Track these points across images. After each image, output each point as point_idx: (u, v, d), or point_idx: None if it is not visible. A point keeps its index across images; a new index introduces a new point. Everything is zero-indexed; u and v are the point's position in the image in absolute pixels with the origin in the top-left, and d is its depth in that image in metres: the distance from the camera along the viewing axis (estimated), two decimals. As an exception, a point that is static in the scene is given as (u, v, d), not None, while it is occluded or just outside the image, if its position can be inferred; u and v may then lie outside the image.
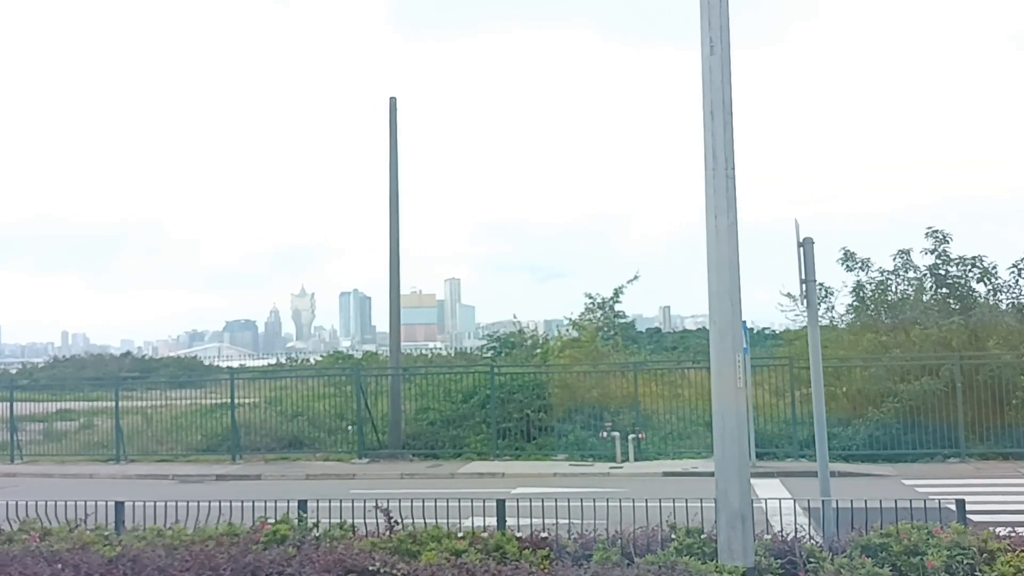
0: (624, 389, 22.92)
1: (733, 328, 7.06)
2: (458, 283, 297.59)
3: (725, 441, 7.06)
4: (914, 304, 21.90)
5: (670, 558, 7.20)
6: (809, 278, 8.26)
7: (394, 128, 23.96)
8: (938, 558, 6.79)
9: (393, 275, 24.01)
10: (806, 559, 7.16)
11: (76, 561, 7.24)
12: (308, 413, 24.72)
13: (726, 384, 7.05)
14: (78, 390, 33.12)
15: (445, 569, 6.93)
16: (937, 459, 19.72)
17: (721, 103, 7.09)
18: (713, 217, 7.08)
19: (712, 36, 7.12)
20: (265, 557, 7.08)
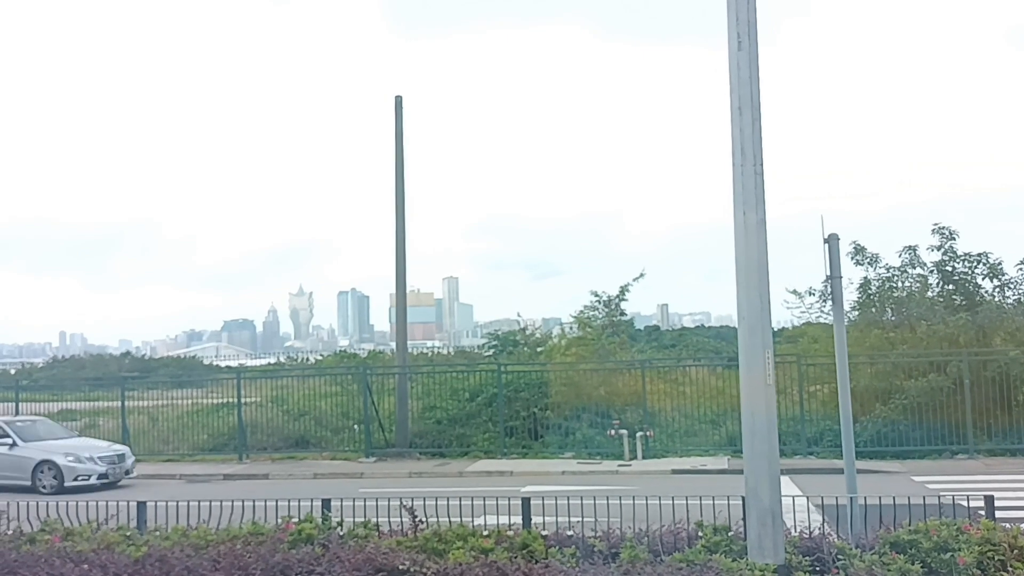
0: (631, 387, 22.91)
1: (762, 325, 7.04)
2: (456, 282, 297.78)
3: (755, 438, 7.05)
4: (920, 300, 21.90)
5: (699, 556, 7.19)
6: (835, 274, 8.25)
7: (399, 127, 23.91)
8: (969, 554, 6.78)
9: (399, 274, 23.96)
10: (835, 556, 7.15)
11: (102, 561, 7.21)
12: (313, 412, 24.70)
13: (755, 381, 7.04)
14: (78, 390, 32.98)
15: (474, 568, 6.90)
16: (945, 455, 19.74)
17: (749, 99, 7.07)
18: (742, 213, 7.06)
19: (740, 31, 7.10)
20: (293, 556, 7.06)
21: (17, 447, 19.27)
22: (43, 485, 18.69)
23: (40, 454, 19.15)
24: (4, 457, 19.16)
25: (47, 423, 21.61)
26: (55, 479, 18.74)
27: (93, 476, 18.89)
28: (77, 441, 20.70)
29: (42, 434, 20.25)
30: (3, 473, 18.93)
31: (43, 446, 19.50)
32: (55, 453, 19.17)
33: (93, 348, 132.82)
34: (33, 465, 18.92)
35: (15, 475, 18.84)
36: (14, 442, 19.33)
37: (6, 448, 19.25)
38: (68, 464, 18.88)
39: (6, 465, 19.06)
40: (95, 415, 27.68)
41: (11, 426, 19.97)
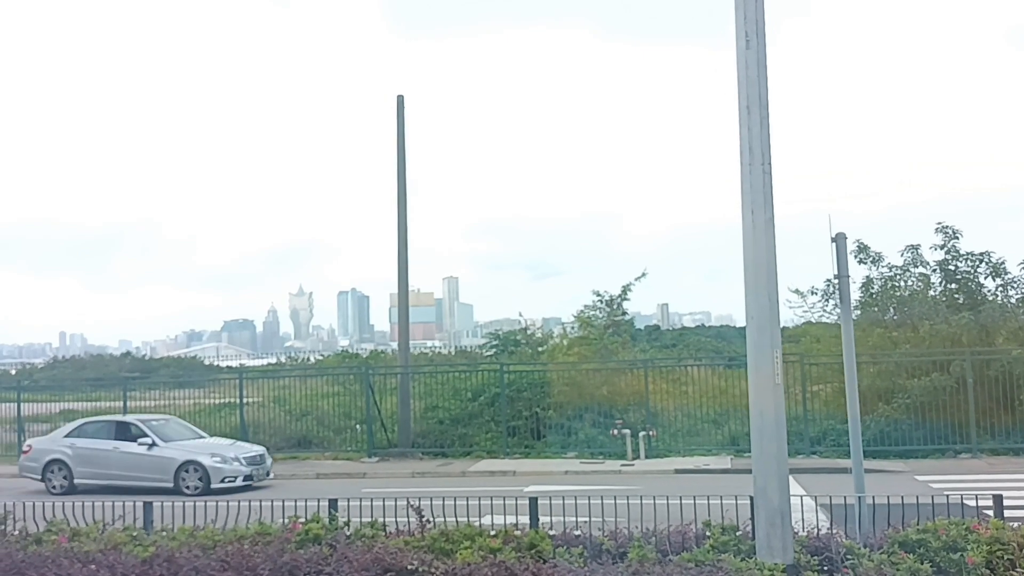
0: (633, 386, 22.91)
1: (771, 324, 7.02)
2: (456, 281, 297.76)
3: (764, 438, 7.04)
4: (922, 300, 21.89)
5: (707, 555, 7.18)
6: (843, 273, 8.23)
7: (401, 127, 23.90)
8: (978, 554, 6.77)
9: (401, 274, 23.94)
10: (844, 555, 7.13)
11: (110, 562, 7.19)
12: (315, 412, 24.70)
13: (764, 381, 7.02)
14: (79, 391, 33.01)
15: (483, 568, 6.88)
16: (948, 455, 19.74)
17: (757, 98, 7.06)
18: (750, 213, 7.05)
19: (748, 30, 7.09)
20: (301, 556, 7.04)
21: (157, 447, 18.43)
22: (187, 486, 17.94)
23: (183, 454, 18.38)
24: (144, 458, 18.38)
25: (177, 422, 20.75)
26: (200, 480, 17.97)
27: (239, 477, 18.17)
28: (212, 441, 20.03)
29: (175, 434, 19.45)
30: (143, 474, 18.21)
31: (183, 446, 18.78)
32: (200, 453, 18.43)
33: (93, 348, 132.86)
34: (177, 466, 18.14)
35: (156, 476, 18.10)
36: (153, 442, 18.49)
37: (144, 448, 18.42)
38: (215, 465, 18.12)
39: (146, 466, 18.31)
40: (96, 415, 27.64)
41: (147, 424, 19.18)
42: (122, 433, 19.00)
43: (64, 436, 19.39)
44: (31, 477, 19.25)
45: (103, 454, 18.69)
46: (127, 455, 18.50)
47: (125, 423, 19.45)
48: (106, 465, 18.55)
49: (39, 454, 19.26)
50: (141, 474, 18.21)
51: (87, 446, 18.89)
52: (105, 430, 19.32)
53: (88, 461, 18.72)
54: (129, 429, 19.05)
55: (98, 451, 18.75)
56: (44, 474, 18.92)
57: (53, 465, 18.91)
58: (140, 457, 18.40)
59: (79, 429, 19.56)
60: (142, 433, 18.71)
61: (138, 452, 18.44)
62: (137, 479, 18.09)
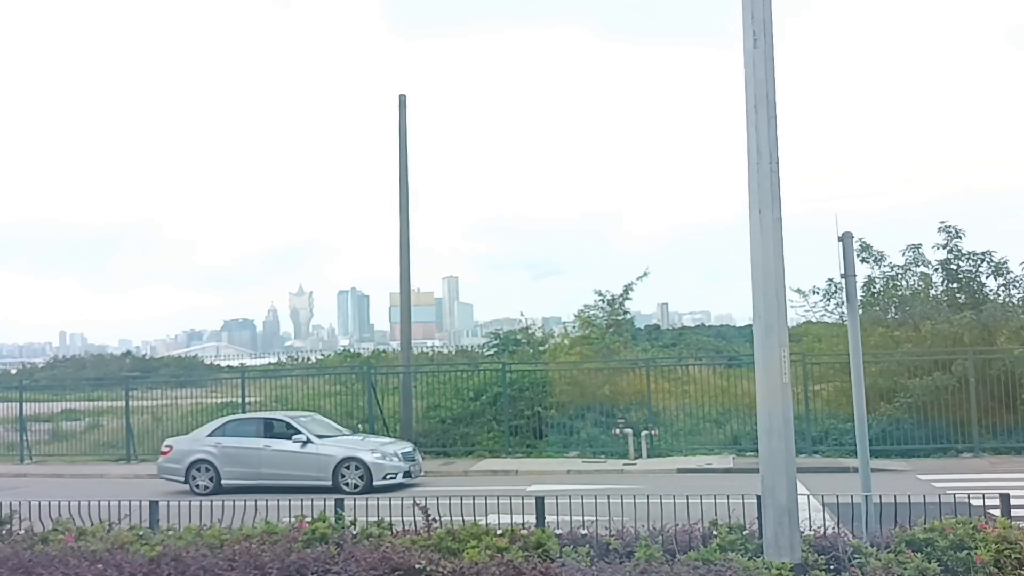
0: (635, 386, 22.93)
1: (778, 324, 7.03)
2: (456, 281, 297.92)
3: (772, 437, 7.05)
4: (924, 299, 21.91)
5: (714, 555, 7.17)
6: (849, 272, 8.24)
7: (403, 126, 23.89)
8: (986, 553, 6.77)
9: (403, 274, 23.93)
10: (851, 554, 7.14)
11: (117, 561, 7.19)
12: (317, 412, 24.63)
13: (772, 380, 7.04)
14: (79, 390, 33.03)
15: (490, 567, 6.88)
16: (950, 454, 19.75)
17: (765, 97, 7.06)
18: (757, 212, 7.05)
19: (755, 29, 7.09)
20: (309, 556, 7.04)
21: (312, 444, 17.90)
22: (347, 484, 17.37)
23: (343, 451, 17.87)
24: (299, 456, 17.83)
25: (318, 418, 20.13)
26: (362, 478, 17.42)
27: (399, 474, 17.71)
28: (362, 437, 19.65)
29: (323, 430, 18.93)
30: (298, 472, 17.69)
31: (339, 442, 18.37)
32: (360, 450, 17.96)
33: (93, 348, 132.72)
34: (336, 463, 17.59)
35: (313, 475, 17.53)
36: (308, 439, 17.98)
37: (298, 446, 17.88)
38: (376, 461, 17.58)
39: (301, 464, 17.77)
40: (98, 415, 27.71)
41: (296, 421, 18.74)
42: (271, 430, 18.54)
43: (207, 435, 18.73)
44: (172, 479, 18.60)
45: (253, 453, 18.12)
46: (280, 453, 17.96)
47: (273, 420, 18.99)
48: (257, 464, 18.00)
49: (181, 455, 18.56)
50: (296, 472, 17.69)
51: (235, 445, 18.31)
52: (252, 428, 18.79)
53: (236, 460, 18.14)
54: (278, 426, 18.59)
55: (248, 450, 18.18)
56: (188, 475, 18.29)
57: (198, 465, 18.27)
58: (295, 455, 17.85)
59: (222, 428, 18.92)
60: (294, 430, 18.20)
61: (292, 450, 17.89)
62: (291, 478, 17.57)
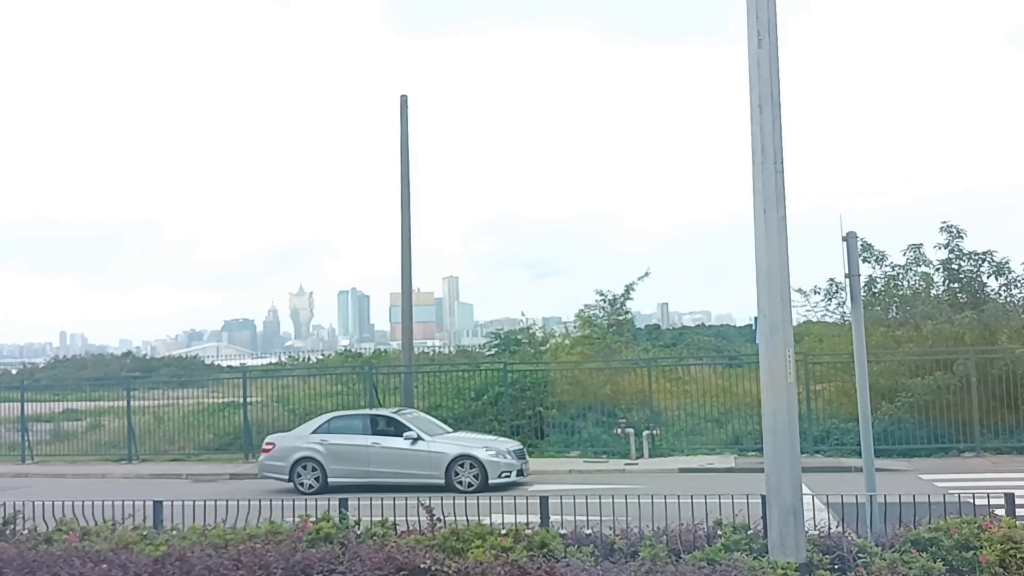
0: (636, 386, 22.93)
1: (783, 323, 7.04)
2: (456, 281, 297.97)
3: (776, 437, 7.05)
4: (925, 299, 21.91)
5: (719, 554, 7.17)
6: (853, 272, 8.24)
7: (405, 126, 23.86)
8: (992, 552, 6.77)
9: (405, 273, 23.91)
10: (856, 554, 7.14)
11: (122, 561, 7.19)
12: (318, 411, 24.62)
13: (777, 379, 7.04)
14: (80, 390, 33.03)
15: (495, 567, 6.87)
16: (952, 454, 19.74)
17: (770, 97, 7.06)
18: (762, 212, 7.05)
19: (760, 29, 7.09)
20: (314, 555, 7.04)
21: (423, 442, 17.43)
22: (461, 483, 16.90)
23: (456, 448, 17.41)
24: (410, 453, 17.37)
25: (422, 415, 19.66)
26: (476, 476, 16.97)
27: (513, 472, 17.25)
28: (472, 434, 19.22)
29: (430, 427, 18.49)
30: (409, 471, 17.23)
31: (450, 439, 17.98)
32: (474, 447, 17.51)
33: (94, 348, 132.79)
34: (448, 461, 17.14)
35: (425, 473, 17.11)
36: (418, 436, 17.53)
37: (408, 443, 17.44)
38: (491, 459, 17.12)
39: (413, 462, 17.30)
40: (99, 415, 27.68)
41: (403, 417, 18.29)
42: (378, 427, 18.14)
43: (311, 432, 18.25)
44: (275, 477, 18.13)
45: (361, 450, 17.67)
46: (390, 451, 17.54)
47: (381, 417, 18.64)
48: (365, 462, 17.53)
49: (284, 452, 18.06)
50: (407, 470, 17.25)
51: (342, 442, 17.82)
52: (359, 425, 18.33)
53: (343, 458, 17.67)
54: (387, 423, 18.22)
55: (356, 447, 17.73)
56: (292, 473, 17.79)
57: (303, 464, 17.78)
58: (405, 453, 17.41)
59: (327, 424, 18.41)
60: (404, 427, 17.80)
61: (402, 447, 17.47)
62: (402, 476, 17.12)
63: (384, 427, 18.15)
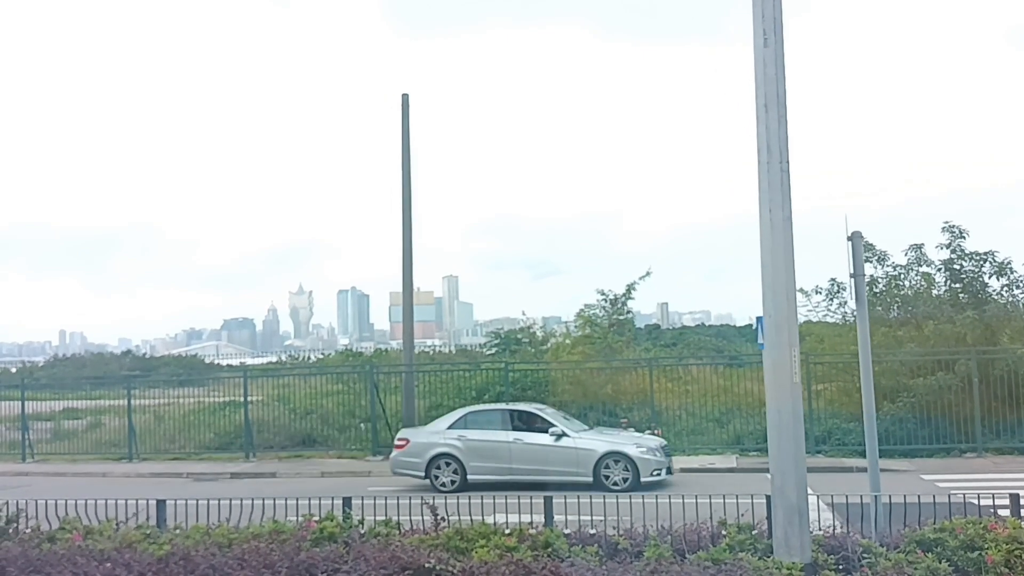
0: (638, 385, 22.93)
1: (788, 323, 7.03)
2: (456, 280, 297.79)
3: (781, 436, 7.04)
4: (927, 299, 21.91)
5: (724, 554, 7.16)
6: (858, 272, 8.23)
7: (406, 126, 23.85)
8: (997, 553, 6.76)
9: (406, 273, 23.91)
10: (860, 554, 7.13)
11: (126, 560, 7.17)
12: (319, 411, 24.68)
13: (782, 379, 7.03)
14: (80, 389, 33.01)
15: (500, 566, 6.86)
16: (954, 454, 19.75)
17: (775, 96, 7.04)
18: (768, 211, 7.04)
19: (765, 28, 7.08)
20: (318, 555, 7.03)
21: (568, 438, 16.87)
22: (612, 481, 16.29)
23: (604, 445, 16.80)
24: (554, 450, 16.79)
25: (555, 411, 18.88)
26: (628, 474, 16.37)
27: (663, 470, 16.72)
28: (608, 431, 18.45)
29: (570, 423, 17.91)
30: (554, 468, 16.63)
31: (597, 436, 17.39)
32: (623, 444, 16.87)
33: (93, 347, 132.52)
34: (597, 458, 16.53)
35: (571, 470, 16.50)
36: (563, 432, 16.99)
37: (553, 439, 16.89)
38: (642, 457, 16.50)
39: (558, 459, 16.71)
40: (99, 414, 27.68)
41: (544, 412, 17.80)
42: (517, 422, 17.58)
43: (447, 428, 17.76)
44: (410, 474, 17.66)
45: (502, 446, 17.10)
46: (533, 447, 16.97)
47: (521, 412, 17.97)
48: (507, 459, 16.96)
49: (420, 448, 17.56)
50: (551, 468, 16.65)
51: (481, 438, 17.31)
52: (498, 420, 17.78)
53: (483, 454, 17.15)
54: (527, 418, 17.66)
55: (496, 443, 17.18)
56: (428, 470, 17.31)
57: (440, 460, 17.31)
58: (550, 449, 16.83)
59: (463, 419, 17.90)
60: (547, 422, 17.27)
61: (546, 443, 16.91)
62: (546, 473, 16.57)
63: (524, 422, 17.61)
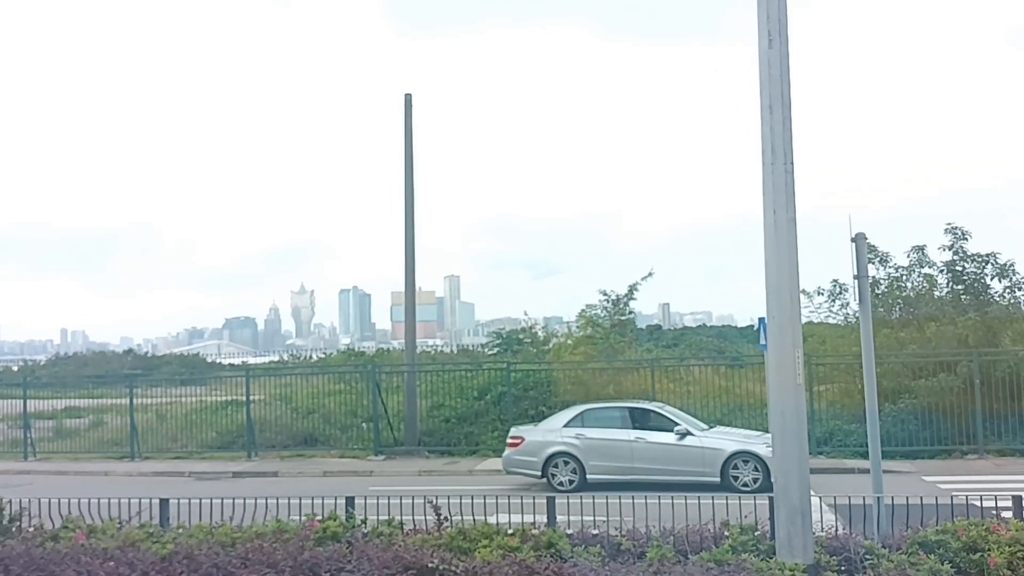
0: (639, 386, 22.89)
1: (792, 324, 7.03)
2: (458, 280, 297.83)
3: (785, 437, 7.05)
4: (929, 300, 21.92)
5: (726, 555, 7.16)
6: (862, 274, 8.23)
7: (409, 126, 23.87)
8: (1000, 555, 6.76)
9: (408, 272, 23.94)
10: (863, 556, 7.13)
11: (129, 559, 7.18)
12: (321, 410, 24.71)
13: (785, 380, 7.03)
14: (81, 388, 33.02)
15: (503, 566, 6.87)
16: (955, 455, 19.73)
17: (780, 97, 7.04)
18: (772, 212, 7.04)
19: (770, 29, 7.08)
20: (322, 554, 7.04)
21: (693, 437, 16.49)
22: (742, 482, 15.94)
23: (733, 444, 16.45)
24: (679, 449, 16.38)
25: (674, 409, 18.47)
26: (757, 474, 15.97)
27: None
28: (729, 430, 18.17)
29: (689, 422, 17.51)
30: (679, 467, 16.18)
31: (723, 434, 17.08)
32: (753, 443, 16.43)
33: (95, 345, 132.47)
34: (725, 458, 16.15)
35: (697, 470, 16.09)
36: (688, 431, 16.61)
37: (676, 438, 16.51)
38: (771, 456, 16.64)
39: (683, 458, 16.27)
40: (101, 412, 27.70)
41: (664, 410, 17.45)
42: (637, 421, 17.18)
43: (564, 426, 17.38)
44: (525, 473, 17.28)
45: (624, 445, 16.67)
46: (656, 446, 16.57)
47: (641, 410, 17.62)
48: (628, 458, 16.54)
49: (536, 447, 17.15)
50: (676, 467, 16.21)
51: (601, 436, 16.87)
52: (617, 418, 17.38)
53: (603, 453, 16.73)
54: (647, 416, 17.29)
55: (617, 442, 16.76)
56: (545, 469, 16.92)
57: (557, 459, 16.96)
58: (674, 448, 16.43)
59: (580, 417, 17.50)
60: (670, 421, 16.93)
61: (669, 443, 16.51)
62: (669, 473, 16.11)
63: (644, 420, 17.25)
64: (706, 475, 16.01)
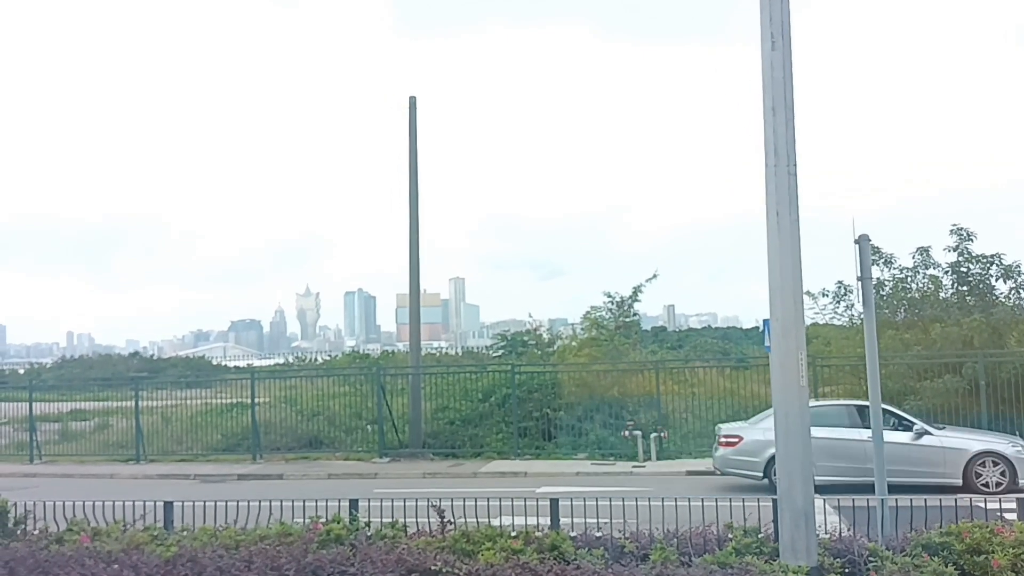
0: (644, 388, 22.90)
1: (796, 326, 7.01)
2: (462, 282, 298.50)
3: (788, 439, 7.03)
4: (934, 302, 21.87)
5: (730, 558, 7.15)
6: (865, 275, 8.21)
7: (413, 127, 23.89)
8: (1004, 557, 6.74)
9: (413, 274, 23.95)
10: (867, 558, 7.11)
11: (133, 561, 7.19)
12: (326, 412, 24.73)
13: (789, 382, 7.02)
14: (87, 390, 33.15)
15: (506, 569, 6.87)
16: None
17: (783, 99, 7.03)
18: (775, 214, 7.02)
19: (773, 31, 7.06)
20: (325, 557, 7.04)
21: (931, 436, 15.82)
22: (984, 483, 15.35)
23: (975, 444, 15.80)
24: (915, 449, 15.67)
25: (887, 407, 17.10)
26: (1002, 476, 15.41)
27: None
28: (963, 429, 17.58)
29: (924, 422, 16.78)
30: (916, 468, 15.40)
31: (963, 434, 16.46)
32: (997, 443, 15.94)
33: (101, 348, 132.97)
34: (968, 459, 15.53)
35: (936, 471, 15.48)
36: (924, 430, 15.94)
37: (912, 438, 15.80)
38: (1018, 456, 15.53)
39: (920, 459, 15.57)
40: (106, 415, 27.77)
41: (893, 408, 16.71)
42: (867, 419, 16.44)
43: None
44: (743, 473, 16.53)
45: (855, 445, 15.50)
46: (891, 446, 15.06)
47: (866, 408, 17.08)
48: (861, 459, 14.99)
49: (756, 447, 16.22)
50: (911, 468, 15.38)
51: (829, 436, 15.60)
52: (843, 416, 16.50)
53: (833, 454, 15.56)
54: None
55: (848, 442, 15.75)
56: (768, 470, 15.80)
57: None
58: (911, 448, 15.69)
59: None
60: (904, 420, 16.26)
61: (906, 443, 15.75)
62: (906, 474, 15.05)
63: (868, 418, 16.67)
64: (946, 476, 15.48)
